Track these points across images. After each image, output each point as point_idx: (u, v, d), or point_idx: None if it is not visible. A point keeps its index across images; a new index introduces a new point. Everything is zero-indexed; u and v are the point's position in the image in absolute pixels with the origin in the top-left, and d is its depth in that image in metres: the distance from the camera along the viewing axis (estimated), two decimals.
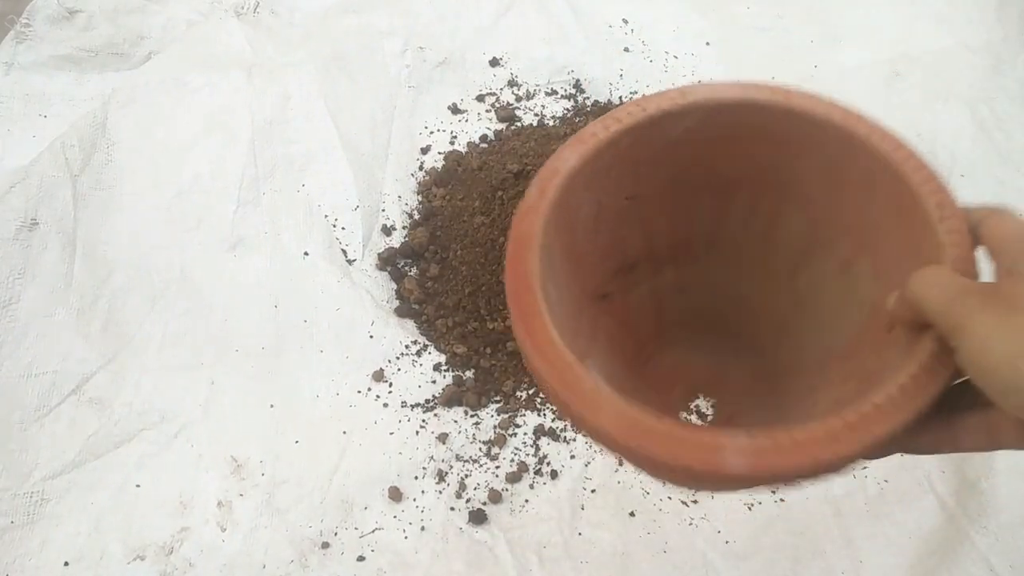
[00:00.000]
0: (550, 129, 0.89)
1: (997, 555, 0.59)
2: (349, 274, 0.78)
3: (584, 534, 0.63)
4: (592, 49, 0.97)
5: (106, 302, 0.74)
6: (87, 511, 0.64)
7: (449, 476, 0.66)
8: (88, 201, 0.80)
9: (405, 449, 0.68)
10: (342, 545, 0.62)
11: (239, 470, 0.66)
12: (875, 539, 0.61)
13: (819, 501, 0.64)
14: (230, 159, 0.85)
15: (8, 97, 0.89)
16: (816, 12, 1.01)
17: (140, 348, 0.73)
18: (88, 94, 0.91)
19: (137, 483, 0.66)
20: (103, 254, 0.77)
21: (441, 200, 0.84)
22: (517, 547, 0.62)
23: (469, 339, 0.74)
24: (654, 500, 0.64)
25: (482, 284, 0.75)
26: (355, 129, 0.88)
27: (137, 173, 0.83)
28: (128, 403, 0.69)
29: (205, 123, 0.87)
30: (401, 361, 0.73)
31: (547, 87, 0.95)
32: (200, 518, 0.64)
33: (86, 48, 0.94)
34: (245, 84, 0.90)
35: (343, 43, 0.95)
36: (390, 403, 0.70)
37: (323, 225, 0.81)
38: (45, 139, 0.83)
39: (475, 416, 0.70)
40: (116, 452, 0.67)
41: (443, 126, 0.91)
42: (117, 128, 0.85)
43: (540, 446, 0.68)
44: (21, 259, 0.74)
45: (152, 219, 0.80)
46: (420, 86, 0.94)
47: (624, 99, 0.94)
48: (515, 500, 0.65)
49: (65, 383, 0.69)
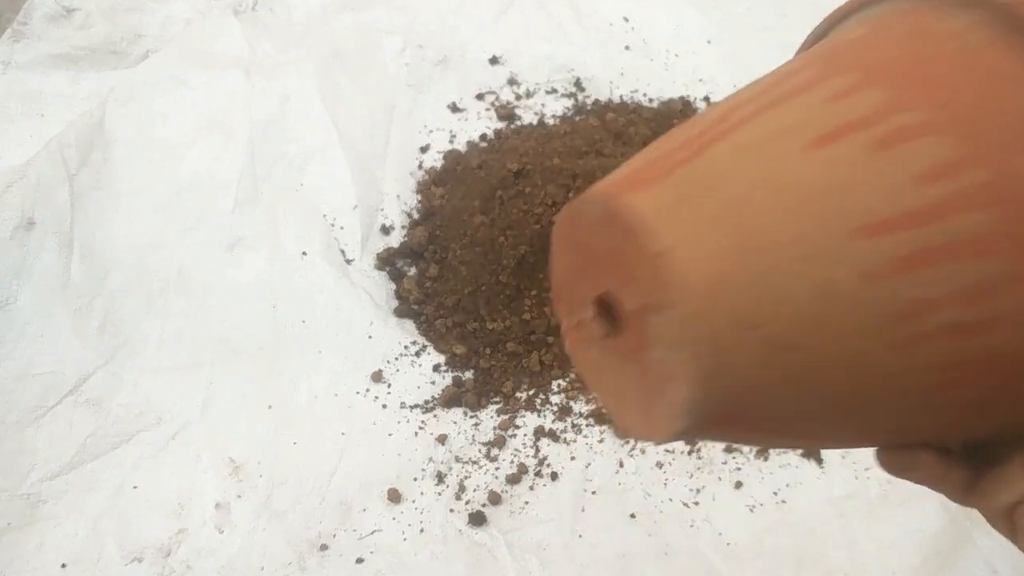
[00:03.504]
0: (550, 128, 0.89)
1: (999, 557, 0.59)
2: (348, 274, 0.78)
3: (585, 536, 0.62)
4: (593, 47, 0.97)
5: (104, 302, 0.74)
6: (84, 512, 0.64)
7: (448, 477, 0.66)
8: (85, 200, 0.79)
9: (404, 450, 0.67)
10: (341, 547, 0.62)
11: (237, 471, 0.66)
12: (878, 541, 0.61)
13: (821, 503, 0.63)
14: (228, 158, 0.84)
15: (5, 96, 0.89)
16: (818, 10, 1.00)
17: (138, 348, 0.72)
18: (85, 93, 0.90)
19: (135, 484, 0.65)
20: (100, 254, 0.77)
21: (440, 199, 0.83)
22: (517, 549, 0.62)
23: (469, 339, 0.74)
24: (655, 502, 0.64)
25: (482, 284, 0.75)
26: (354, 128, 0.88)
27: (135, 172, 0.82)
28: (126, 404, 0.69)
29: (203, 122, 0.87)
30: (400, 362, 0.73)
31: (547, 85, 0.94)
32: (198, 520, 0.63)
33: (83, 46, 0.93)
34: (243, 83, 0.90)
35: (342, 41, 0.95)
36: (389, 404, 0.70)
37: (322, 225, 0.81)
38: (42, 138, 0.82)
39: (475, 417, 0.70)
40: (114, 453, 0.67)
41: (442, 125, 0.91)
42: (115, 127, 0.85)
43: (540, 447, 0.68)
44: (18, 259, 0.73)
45: (150, 218, 0.80)
46: (419, 85, 0.93)
47: (625, 97, 0.94)
48: (515, 502, 0.64)
49: (62, 384, 0.69)
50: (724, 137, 0.26)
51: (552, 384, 0.72)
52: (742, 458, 0.66)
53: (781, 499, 0.64)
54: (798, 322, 0.24)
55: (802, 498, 0.64)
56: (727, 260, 0.24)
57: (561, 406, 0.70)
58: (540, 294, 0.75)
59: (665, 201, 0.25)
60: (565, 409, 0.70)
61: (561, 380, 0.72)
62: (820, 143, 0.25)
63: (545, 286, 0.75)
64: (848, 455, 0.66)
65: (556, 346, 0.74)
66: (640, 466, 0.66)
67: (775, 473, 0.65)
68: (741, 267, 0.24)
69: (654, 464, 0.66)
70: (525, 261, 0.74)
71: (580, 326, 0.29)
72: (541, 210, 0.75)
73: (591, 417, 0.70)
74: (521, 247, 0.74)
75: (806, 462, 0.66)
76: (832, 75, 0.26)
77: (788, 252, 0.24)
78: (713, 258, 0.24)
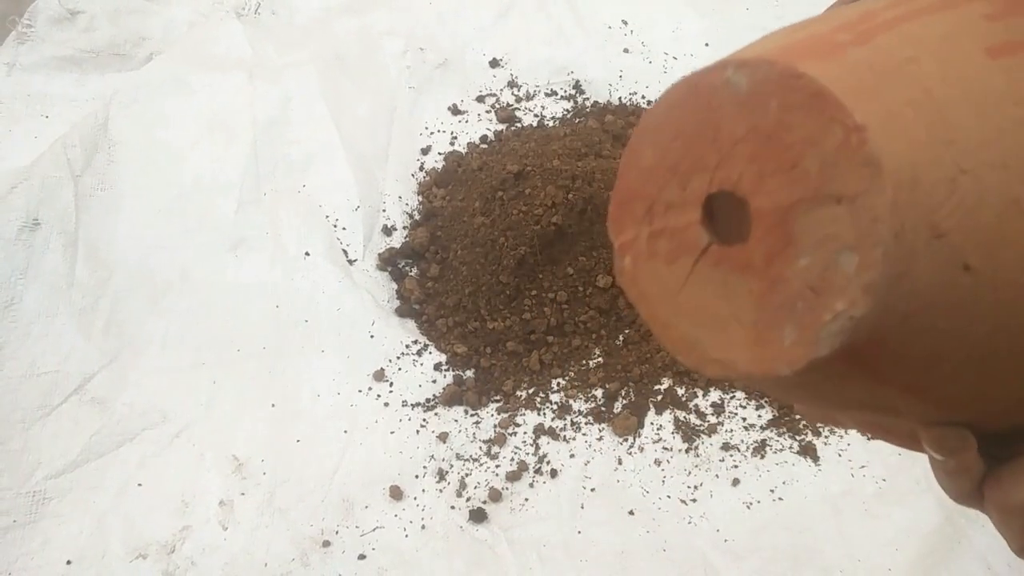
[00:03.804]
0: (550, 130, 0.90)
1: (995, 554, 0.59)
2: (350, 274, 0.79)
3: (584, 533, 0.63)
4: (592, 50, 0.97)
5: (108, 302, 0.75)
6: (89, 510, 0.64)
7: (449, 475, 0.66)
8: (90, 201, 0.80)
9: (406, 448, 0.68)
10: (343, 544, 0.63)
11: (240, 469, 0.67)
12: (873, 538, 0.62)
13: (818, 500, 0.64)
14: (231, 160, 0.85)
15: (10, 98, 0.90)
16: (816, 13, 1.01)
17: (142, 348, 0.73)
18: (89, 95, 0.91)
19: (139, 482, 0.66)
20: (105, 254, 0.77)
21: (441, 200, 0.84)
22: (517, 545, 0.62)
23: (469, 339, 0.75)
24: (653, 499, 0.65)
25: (482, 284, 0.76)
26: (356, 130, 0.88)
27: (138, 174, 0.83)
28: (130, 403, 0.70)
29: (206, 124, 0.87)
30: (402, 361, 0.73)
31: (547, 88, 0.95)
32: (202, 517, 0.64)
33: (87, 49, 0.94)
34: (246, 85, 0.90)
35: (344, 44, 0.96)
36: (391, 402, 0.71)
37: (324, 225, 0.81)
38: (47, 139, 0.83)
39: (475, 415, 0.70)
40: (118, 451, 0.67)
41: (443, 127, 0.92)
42: (118, 129, 0.85)
43: (540, 445, 0.68)
44: (23, 259, 0.74)
45: (153, 219, 0.80)
46: (420, 87, 0.94)
47: (624, 100, 0.94)
48: (515, 499, 0.65)
49: (67, 383, 0.70)
50: (891, 28, 0.22)
51: (552, 383, 0.73)
52: (739, 456, 0.67)
53: (778, 496, 0.64)
54: (984, 238, 0.21)
55: (799, 495, 0.64)
56: (925, 151, 0.20)
57: (561, 404, 0.71)
58: (540, 294, 0.75)
59: (848, 78, 0.21)
60: (565, 407, 0.71)
61: (561, 379, 0.73)
62: (995, 53, 0.22)
63: (545, 286, 0.75)
64: (844, 453, 0.67)
65: (556, 345, 0.74)
66: (639, 464, 0.67)
67: (772, 471, 0.66)
68: (937, 163, 0.20)
69: (652, 462, 0.67)
70: (525, 261, 0.75)
71: (661, 236, 0.24)
72: (541, 211, 0.76)
73: (590, 415, 0.70)
74: (521, 247, 0.75)
75: (803, 460, 0.67)
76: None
77: (982, 156, 0.21)
78: (913, 146, 0.20)
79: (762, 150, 0.22)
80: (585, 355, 0.74)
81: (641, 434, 0.69)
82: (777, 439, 0.68)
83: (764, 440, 0.68)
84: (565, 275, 0.75)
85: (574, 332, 0.75)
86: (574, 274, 0.75)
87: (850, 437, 0.68)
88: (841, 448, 0.67)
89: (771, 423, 0.69)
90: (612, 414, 0.70)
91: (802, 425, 0.69)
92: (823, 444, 0.67)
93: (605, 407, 0.70)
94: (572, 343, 0.74)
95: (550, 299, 0.75)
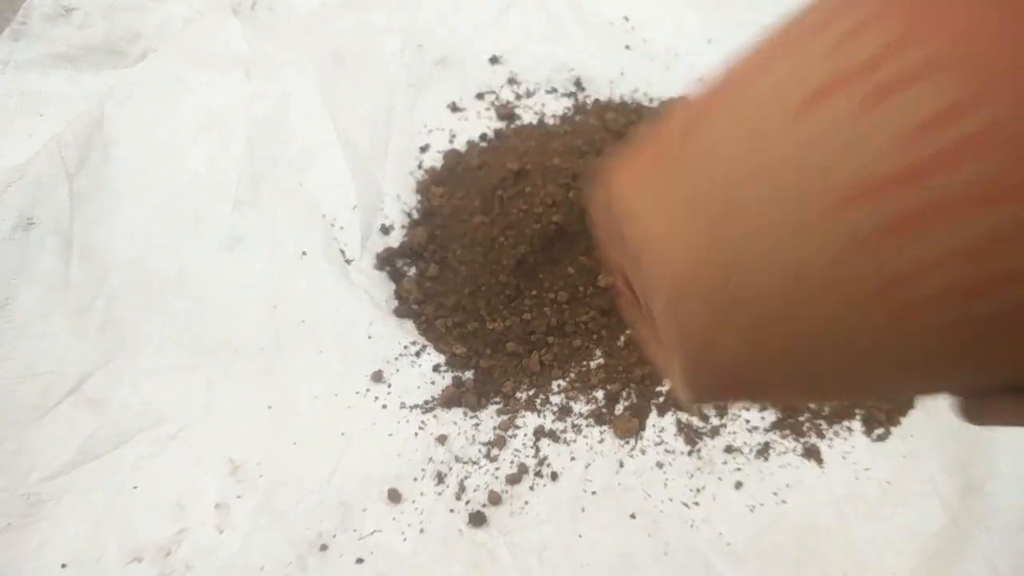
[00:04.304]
0: (550, 127, 0.89)
1: (1000, 556, 0.59)
2: (348, 274, 0.78)
3: (585, 536, 0.62)
4: (593, 47, 0.97)
5: (103, 302, 0.74)
6: (85, 512, 0.64)
7: (448, 478, 0.66)
8: (85, 200, 0.79)
9: (404, 450, 0.67)
10: (341, 547, 0.62)
11: (237, 471, 0.66)
12: (877, 541, 0.61)
13: (821, 503, 0.63)
14: (228, 158, 0.84)
15: (4, 95, 0.89)
16: None
17: (138, 348, 0.72)
18: (84, 92, 0.90)
19: (135, 484, 0.65)
20: (100, 254, 0.77)
21: (440, 199, 0.83)
22: (517, 549, 0.62)
23: (469, 339, 0.74)
24: (655, 502, 0.64)
25: (482, 284, 0.75)
26: (354, 128, 0.88)
27: (134, 172, 0.82)
28: (126, 404, 0.69)
29: (202, 122, 0.87)
30: (400, 362, 0.73)
31: (547, 85, 0.94)
32: (198, 520, 0.63)
33: (82, 46, 0.93)
34: (243, 82, 0.90)
35: (341, 41, 0.95)
36: (389, 404, 0.70)
37: (321, 225, 0.81)
38: (41, 138, 0.82)
39: (475, 417, 0.70)
40: (114, 453, 0.67)
41: (442, 124, 0.91)
42: (114, 127, 0.84)
43: (540, 447, 0.68)
44: (17, 259, 0.73)
45: (149, 218, 0.80)
46: (419, 84, 0.93)
47: (625, 97, 0.93)
48: (515, 502, 0.64)
49: (62, 384, 0.69)
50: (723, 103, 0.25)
51: (552, 384, 0.72)
52: (742, 458, 0.66)
53: (781, 499, 0.64)
54: (778, 303, 0.23)
55: (802, 498, 0.64)
56: (702, 246, 0.24)
57: (561, 406, 0.70)
58: (540, 294, 0.74)
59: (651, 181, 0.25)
60: (565, 409, 0.70)
61: (561, 380, 0.72)
62: (810, 104, 0.23)
63: (545, 286, 0.75)
64: (848, 455, 0.66)
65: (556, 346, 0.74)
66: (640, 466, 0.66)
67: (775, 473, 0.65)
68: (715, 252, 0.24)
69: (654, 464, 0.66)
70: (525, 261, 0.74)
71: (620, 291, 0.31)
72: (541, 210, 0.75)
73: (591, 417, 0.70)
74: (521, 247, 0.74)
75: (806, 462, 0.66)
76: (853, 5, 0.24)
77: (761, 236, 0.23)
78: (687, 244, 0.24)
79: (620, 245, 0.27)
80: (586, 356, 0.73)
81: (643, 436, 0.68)
82: (780, 441, 0.67)
83: (767, 442, 0.67)
84: (566, 275, 0.74)
85: (575, 333, 0.74)
86: (575, 274, 0.74)
87: (855, 439, 0.67)
88: (845, 450, 0.66)
89: (774, 425, 0.68)
90: (613, 416, 0.69)
91: (806, 427, 0.68)
92: (827, 446, 0.67)
93: (606, 409, 0.70)
94: (573, 344, 0.73)
95: (550, 299, 0.74)
